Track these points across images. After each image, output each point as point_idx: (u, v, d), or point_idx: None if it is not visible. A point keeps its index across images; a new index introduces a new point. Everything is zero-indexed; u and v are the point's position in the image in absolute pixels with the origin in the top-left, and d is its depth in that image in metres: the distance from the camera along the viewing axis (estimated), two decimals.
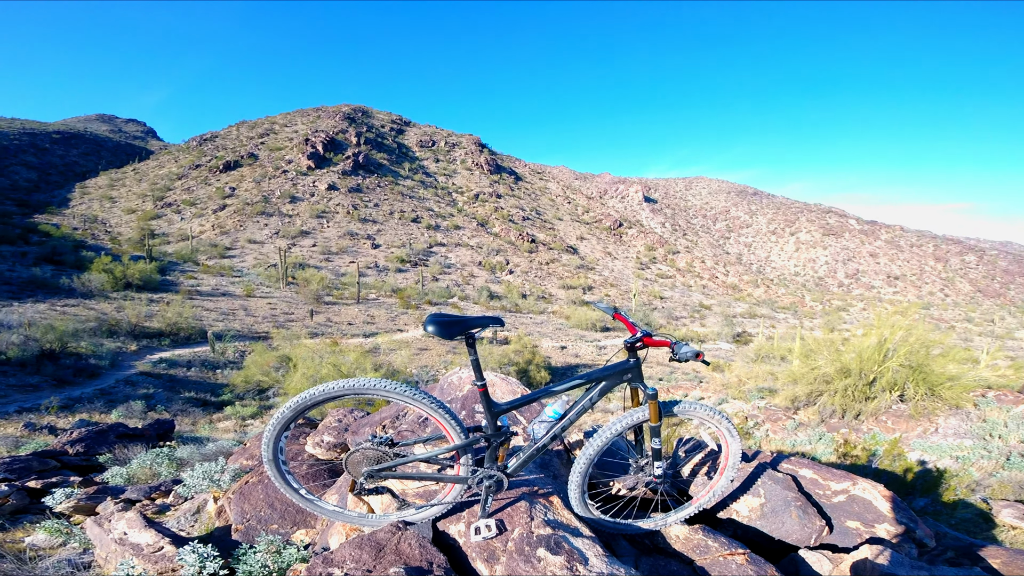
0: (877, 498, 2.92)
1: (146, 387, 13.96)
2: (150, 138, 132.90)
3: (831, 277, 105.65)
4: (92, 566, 2.74)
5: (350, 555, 1.96)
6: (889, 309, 8.76)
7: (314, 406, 2.05)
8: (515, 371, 17.72)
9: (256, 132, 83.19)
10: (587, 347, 27.00)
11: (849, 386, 7.86)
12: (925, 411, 7.40)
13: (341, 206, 58.31)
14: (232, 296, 29.09)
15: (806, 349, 9.27)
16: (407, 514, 2.28)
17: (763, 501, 2.85)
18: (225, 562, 2.42)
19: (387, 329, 26.23)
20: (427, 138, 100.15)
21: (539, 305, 41.84)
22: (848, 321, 48.41)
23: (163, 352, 17.99)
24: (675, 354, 2.25)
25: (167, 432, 7.61)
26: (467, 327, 2.07)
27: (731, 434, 2.45)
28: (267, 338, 20.83)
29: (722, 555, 2.34)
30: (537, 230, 75.03)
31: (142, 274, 27.19)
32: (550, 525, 2.17)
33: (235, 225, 49.78)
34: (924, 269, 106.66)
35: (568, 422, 2.31)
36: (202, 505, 3.37)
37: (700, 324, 42.11)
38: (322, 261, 43.84)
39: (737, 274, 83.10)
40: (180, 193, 60.73)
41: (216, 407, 13.17)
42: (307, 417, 4.53)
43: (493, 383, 3.81)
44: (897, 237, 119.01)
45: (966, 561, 2.78)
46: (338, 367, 11.64)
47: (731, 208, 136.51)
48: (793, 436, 7.50)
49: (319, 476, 3.31)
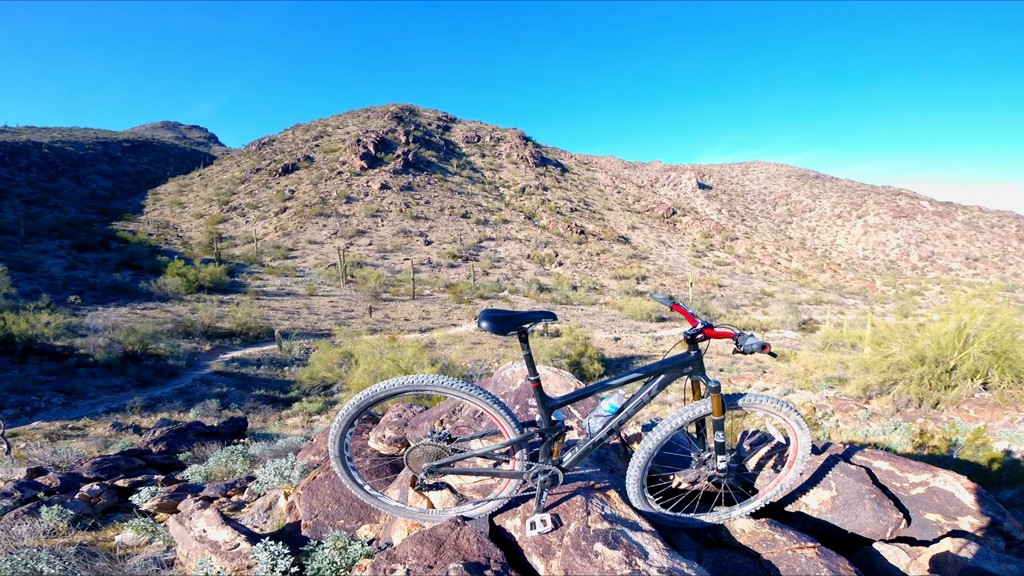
0: (960, 490, 2.76)
1: (220, 386, 14.81)
2: (212, 144, 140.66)
3: (903, 260, 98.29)
4: (175, 563, 2.85)
5: (412, 551, 2.01)
6: (968, 292, 8.12)
7: (376, 403, 2.11)
8: (567, 363, 17.63)
9: (310, 135, 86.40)
10: (642, 338, 26.48)
11: (926, 374, 7.41)
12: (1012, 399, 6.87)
13: (394, 205, 59.83)
14: (296, 296, 30.52)
15: (878, 336, 8.78)
16: (465, 509, 2.31)
17: (834, 494, 2.74)
18: (295, 559, 2.49)
19: (441, 324, 26.75)
20: (472, 134, 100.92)
21: (590, 296, 41.39)
22: (924, 306, 45.00)
23: (234, 351, 19.06)
24: (739, 346, 2.16)
25: (240, 429, 8.00)
26: (519, 322, 2.07)
27: (800, 426, 2.36)
28: (330, 335, 21.70)
29: (791, 548, 2.26)
30: (586, 221, 74.12)
31: (212, 277, 28.85)
32: (607, 519, 2.15)
33: (296, 227, 52.10)
34: (1007, 250, 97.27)
35: (625, 416, 2.27)
36: (274, 501, 3.48)
37: (762, 312, 40.36)
38: (378, 259, 45.22)
39: (801, 259, 78.91)
40: (243, 197, 64.04)
41: (284, 404, 13.80)
42: (369, 413, 4.68)
43: (546, 377, 3.79)
44: (976, 218, 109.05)
45: None
46: (397, 362, 11.98)
47: (792, 192, 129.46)
48: (866, 426, 7.13)
49: (381, 471, 3.41)
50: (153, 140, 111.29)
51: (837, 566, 2.13)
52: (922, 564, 2.30)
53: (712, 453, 2.36)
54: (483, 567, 1.92)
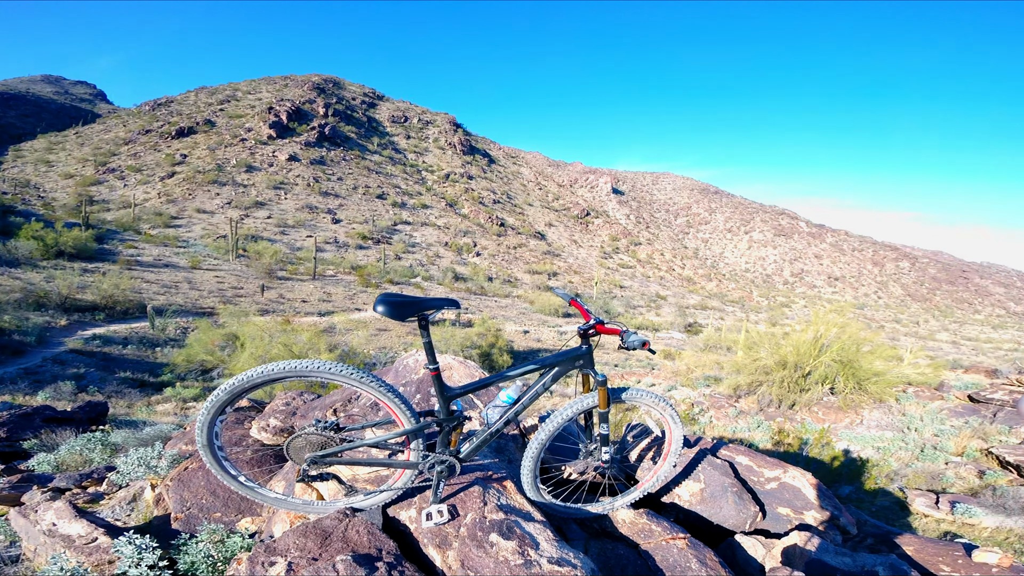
0: (805, 486, 3.06)
1: (77, 366, 13.04)
2: (99, 101, 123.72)
3: (778, 275, 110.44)
4: (21, 559, 2.60)
5: (294, 543, 1.92)
6: (827, 307, 9.26)
7: (253, 389, 1.96)
8: (477, 354, 17.70)
9: (216, 98, 78.54)
10: (549, 332, 27.28)
11: (786, 377, 8.31)
12: (853, 404, 7.91)
13: (302, 178, 56.17)
14: (176, 268, 27.65)
15: (750, 341, 9.70)
16: (355, 501, 2.25)
17: (703, 486, 2.96)
18: (165, 553, 2.32)
19: (344, 308, 25.63)
20: (400, 114, 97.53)
21: (505, 289, 41.88)
22: (790, 316, 50.83)
23: (97, 328, 16.90)
24: (624, 342, 2.28)
25: (100, 415, 7.18)
26: (420, 309, 2.02)
27: (674, 421, 2.52)
28: (213, 314, 19.91)
29: (665, 539, 2.41)
30: (507, 214, 74.82)
31: (76, 242, 25.33)
32: (503, 510, 2.18)
33: (184, 194, 47.18)
34: (862, 272, 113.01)
35: (522, 407, 2.33)
36: (139, 493, 3.23)
37: (656, 313, 43.23)
38: (277, 234, 42.24)
39: (693, 268, 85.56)
40: (126, 159, 56.87)
41: (155, 388, 12.48)
42: (253, 400, 4.38)
43: (450, 366, 3.79)
44: (841, 241, 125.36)
45: (884, 548, 2.97)
46: (289, 347, 11.27)
47: (693, 204, 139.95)
48: (734, 423, 7.86)
49: (265, 462, 3.22)
50: (27, 93, 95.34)
51: (704, 557, 2.29)
52: (775, 556, 2.54)
53: (598, 444, 2.48)
54: (374, 559, 1.87)
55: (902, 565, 2.39)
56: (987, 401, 7.99)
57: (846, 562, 2.45)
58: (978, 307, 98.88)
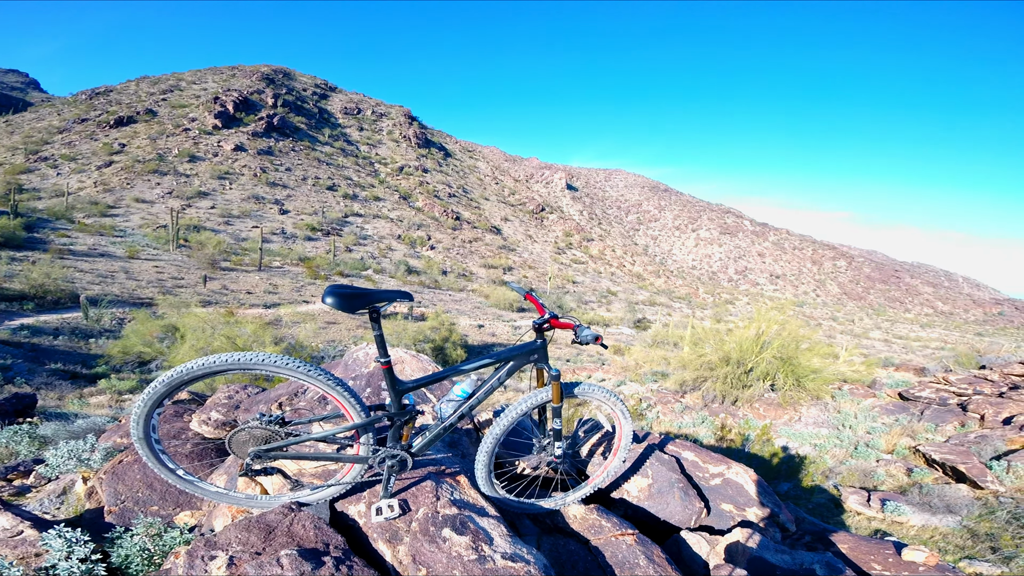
0: (748, 482, 3.15)
1: (3, 357, 12.13)
2: (32, 90, 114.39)
3: (723, 272, 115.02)
4: None
5: (236, 537, 1.85)
6: (768, 304, 9.63)
7: (193, 381, 1.88)
8: (431, 348, 17.51)
9: (158, 88, 73.73)
10: (504, 327, 27.33)
11: (729, 374, 8.57)
12: (792, 400, 8.24)
13: (248, 168, 53.78)
14: (112, 257, 25.95)
15: (695, 337, 9.97)
16: (301, 495, 2.19)
17: (651, 482, 3.00)
18: (98, 546, 2.22)
19: (291, 300, 24.77)
20: (353, 106, 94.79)
21: (459, 283, 41.61)
22: (734, 313, 52.94)
23: (25, 318, 15.73)
24: (577, 336, 2.30)
25: (28, 407, 6.72)
26: (371, 301, 1.98)
27: (624, 416, 2.55)
28: (152, 305, 18.85)
29: (614, 535, 2.44)
30: (463, 208, 74.24)
31: (4, 230, 23.62)
32: (456, 505, 2.17)
33: (121, 183, 44.22)
34: (802, 270, 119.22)
35: (476, 401, 2.32)
36: (69, 486, 3.09)
37: (606, 309, 44.13)
38: (221, 224, 40.31)
39: (643, 264, 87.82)
40: (59, 147, 52.65)
41: (89, 380, 11.75)
42: (194, 393, 4.19)
43: (402, 360, 3.74)
44: (783, 239, 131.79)
45: (820, 546, 3.09)
46: (233, 339, 10.81)
47: (643, 202, 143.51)
48: (680, 418, 8.05)
49: (206, 455, 3.09)
50: None
51: (652, 554, 2.33)
52: (719, 553, 2.60)
53: (551, 439, 2.49)
54: (321, 553, 1.83)
55: (837, 563, 2.49)
56: (915, 399, 8.37)
57: (785, 560, 2.53)
58: (908, 306, 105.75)
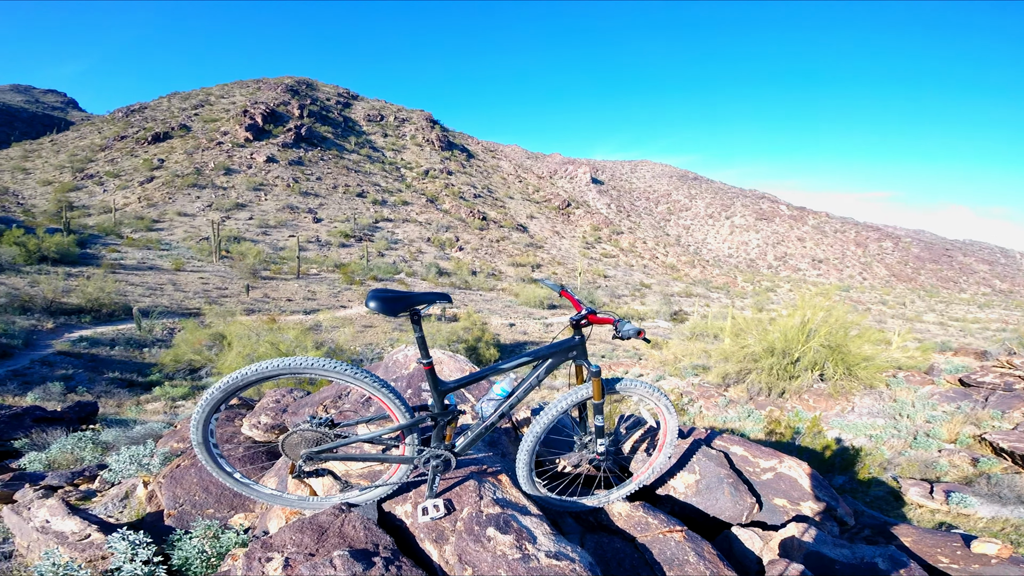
0: (802, 476, 3.03)
1: (65, 367, 12.94)
2: (71, 109, 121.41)
3: (761, 259, 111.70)
4: (13, 555, 2.60)
5: (291, 538, 1.90)
6: (812, 291, 9.25)
7: (247, 386, 1.95)
8: (464, 348, 17.68)
9: (190, 103, 77.43)
10: (535, 324, 27.33)
11: (774, 364, 8.24)
12: (843, 390, 7.85)
13: (280, 179, 55.55)
14: (160, 270, 27.24)
15: (737, 328, 9.64)
16: (351, 496, 2.23)
17: (698, 478, 2.92)
18: (159, 549, 2.32)
19: (329, 305, 25.42)
20: (375, 112, 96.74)
21: (489, 282, 41.82)
22: (775, 302, 51.39)
23: (83, 330, 16.70)
24: (618, 331, 2.26)
25: (90, 415, 7.16)
26: (411, 303, 2.00)
27: (669, 411, 2.50)
28: (199, 315, 19.68)
29: (661, 532, 2.39)
30: (488, 208, 74.66)
31: (59, 247, 25.09)
32: (499, 504, 2.17)
33: (163, 198, 46.38)
34: (846, 254, 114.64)
35: (516, 400, 2.31)
36: (131, 490, 3.21)
37: (640, 302, 43.52)
38: (259, 235, 41.72)
39: (676, 255, 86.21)
40: (103, 164, 55.88)
41: (144, 388, 12.41)
42: (243, 398, 4.34)
43: (440, 361, 3.77)
44: (823, 223, 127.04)
45: (881, 539, 2.94)
46: (276, 345, 11.18)
47: (672, 192, 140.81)
48: (724, 412, 7.79)
49: (257, 459, 3.19)
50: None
51: (702, 549, 2.26)
52: (773, 548, 2.51)
53: (593, 437, 2.46)
54: (371, 554, 1.85)
55: (901, 556, 2.36)
56: (978, 385, 7.81)
57: (844, 554, 2.42)
58: (963, 286, 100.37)
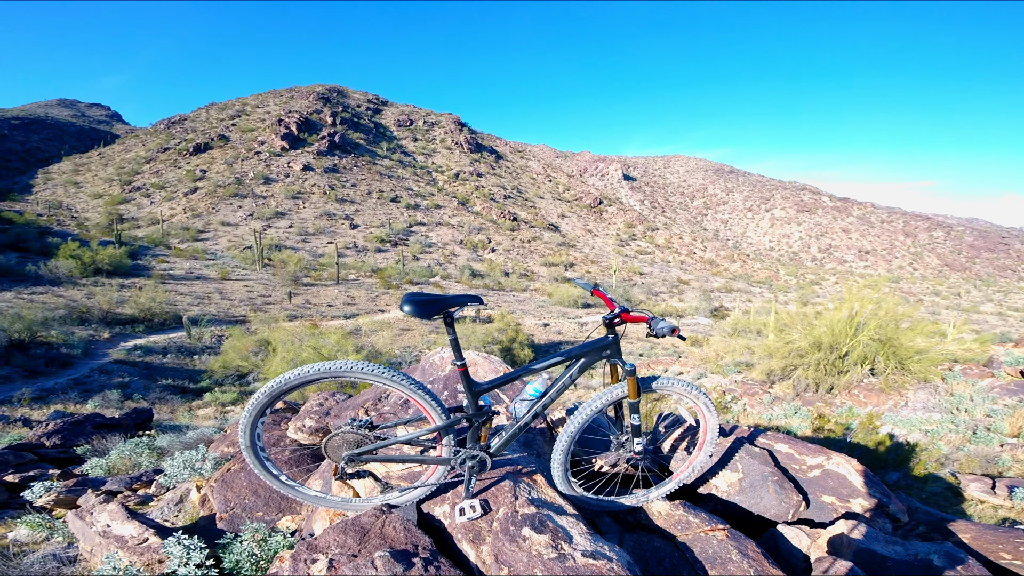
0: (851, 472, 2.92)
1: (121, 375, 13.67)
2: (115, 122, 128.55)
3: (804, 252, 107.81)
4: (78, 559, 2.71)
5: (334, 540, 1.96)
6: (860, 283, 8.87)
7: (291, 390, 2.02)
8: (498, 349, 17.77)
9: (226, 114, 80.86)
10: (569, 324, 27.19)
11: (822, 360, 7.95)
12: (895, 385, 7.50)
13: (317, 187, 57.18)
14: (207, 279, 28.47)
15: (780, 323, 9.34)
16: (391, 497, 2.28)
17: (741, 476, 2.86)
18: (211, 552, 2.40)
19: (368, 310, 26.00)
20: (405, 117, 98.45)
21: (521, 283, 41.89)
22: (821, 295, 49.53)
23: (137, 339, 17.59)
24: (652, 329, 2.23)
25: (146, 421, 7.52)
26: (445, 306, 2.03)
27: (709, 409, 2.46)
28: (245, 321, 20.48)
29: (703, 531, 2.35)
30: (519, 208, 74.82)
31: (112, 259, 26.44)
32: (534, 504, 2.17)
33: (207, 208, 48.46)
34: (894, 244, 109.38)
35: (549, 400, 2.31)
36: (185, 494, 3.34)
37: (679, 299, 42.69)
38: (299, 242, 43.05)
39: (714, 250, 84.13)
40: (149, 177, 58.87)
41: (195, 394, 12.98)
42: (287, 402, 4.49)
43: (475, 362, 3.80)
44: (868, 214, 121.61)
45: (938, 536, 2.81)
46: (318, 350, 11.52)
47: (708, 186, 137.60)
48: (769, 410, 7.58)
49: (302, 461, 3.29)
50: (46, 118, 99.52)
51: (746, 548, 2.22)
52: (821, 546, 2.43)
53: (629, 436, 2.43)
54: (411, 554, 1.89)
55: (958, 552, 2.25)
56: None
57: (897, 551, 2.32)
58: (1022, 274, 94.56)
